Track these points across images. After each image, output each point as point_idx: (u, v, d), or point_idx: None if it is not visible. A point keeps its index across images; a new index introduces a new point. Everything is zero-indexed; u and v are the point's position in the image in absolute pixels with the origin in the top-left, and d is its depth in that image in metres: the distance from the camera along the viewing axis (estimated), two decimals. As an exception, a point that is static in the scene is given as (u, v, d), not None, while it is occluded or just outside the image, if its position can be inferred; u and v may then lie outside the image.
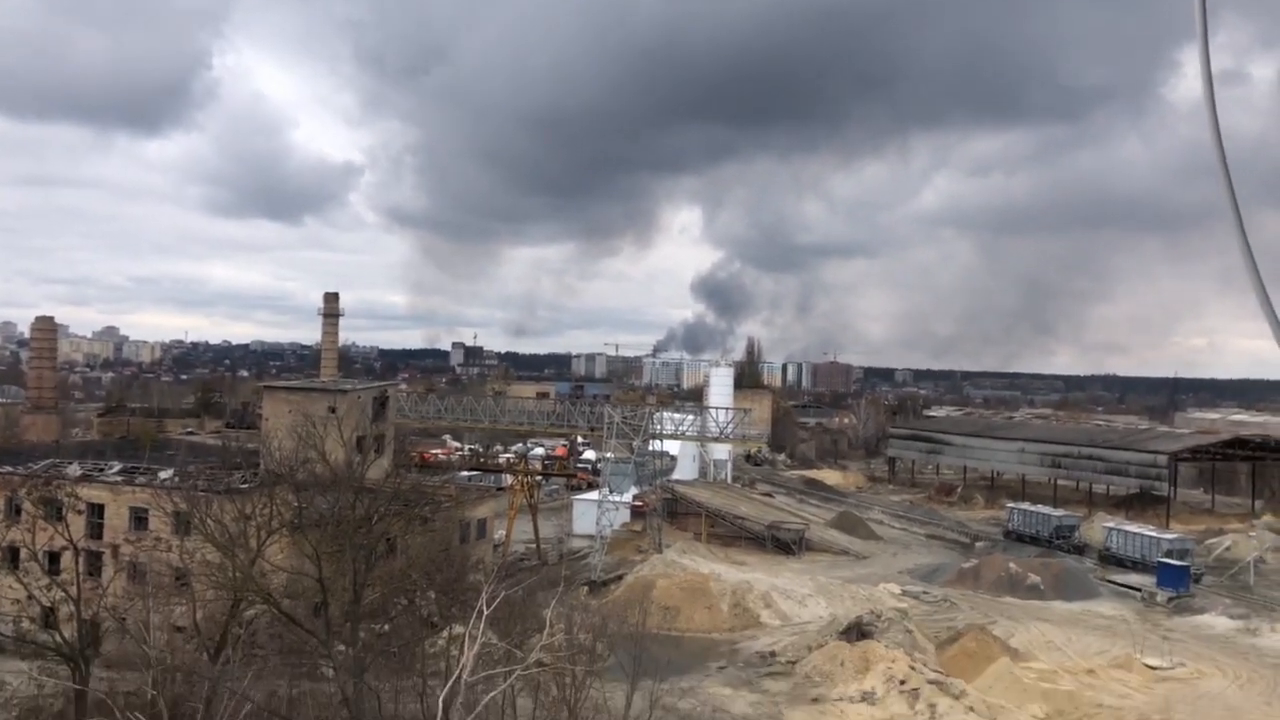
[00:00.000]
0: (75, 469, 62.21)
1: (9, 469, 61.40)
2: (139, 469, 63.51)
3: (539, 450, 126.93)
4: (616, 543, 79.85)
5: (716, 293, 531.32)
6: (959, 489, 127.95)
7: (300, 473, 42.23)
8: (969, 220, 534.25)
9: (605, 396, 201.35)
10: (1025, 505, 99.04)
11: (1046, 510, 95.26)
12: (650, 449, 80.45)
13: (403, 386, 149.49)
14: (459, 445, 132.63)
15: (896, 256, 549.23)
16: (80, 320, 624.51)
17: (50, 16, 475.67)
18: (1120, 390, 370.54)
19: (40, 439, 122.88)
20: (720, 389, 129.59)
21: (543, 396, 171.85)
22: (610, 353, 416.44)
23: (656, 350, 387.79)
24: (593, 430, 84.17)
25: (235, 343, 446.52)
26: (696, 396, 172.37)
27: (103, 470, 63.01)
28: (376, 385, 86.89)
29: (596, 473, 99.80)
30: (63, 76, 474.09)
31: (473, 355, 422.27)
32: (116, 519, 55.70)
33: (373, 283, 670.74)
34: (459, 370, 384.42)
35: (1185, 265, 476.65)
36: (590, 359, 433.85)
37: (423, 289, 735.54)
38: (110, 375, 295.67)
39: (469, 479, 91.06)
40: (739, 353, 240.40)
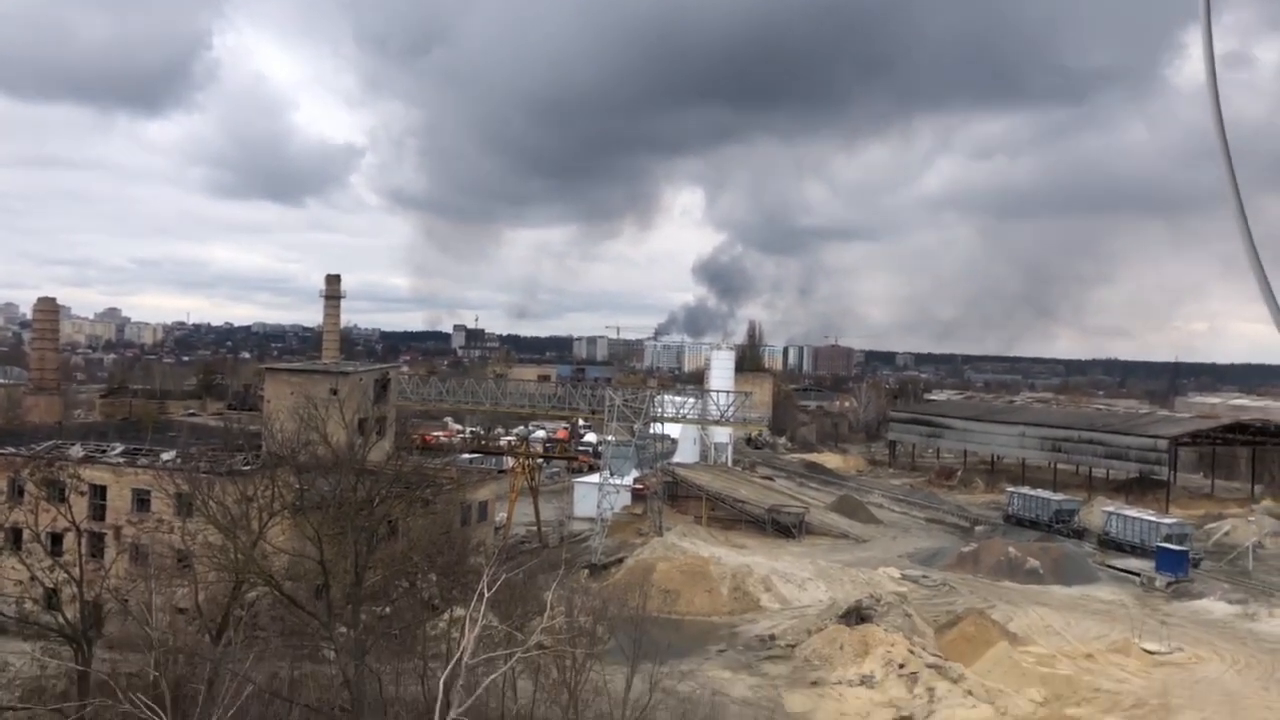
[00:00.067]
0: (78, 450, 62.29)
1: (11, 450, 61.49)
2: (141, 451, 63.58)
3: (540, 433, 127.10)
4: (617, 526, 80.00)
5: (718, 276, 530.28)
6: (959, 473, 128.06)
7: (302, 455, 42.22)
8: (971, 204, 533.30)
9: (606, 379, 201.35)
10: (1025, 489, 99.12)
11: (1046, 494, 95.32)
12: (651, 432, 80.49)
13: (404, 369, 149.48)
14: (460, 428, 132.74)
15: (898, 240, 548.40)
16: (82, 302, 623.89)
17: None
18: (1121, 374, 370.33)
19: (42, 420, 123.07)
20: (721, 372, 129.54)
21: (544, 379, 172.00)
22: (611, 336, 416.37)
23: (658, 333, 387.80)
24: (594, 413, 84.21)
25: (237, 324, 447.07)
26: (697, 380, 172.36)
27: (105, 452, 63.09)
28: (378, 367, 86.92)
29: (597, 455, 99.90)
30: (64, 56, 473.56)
31: (474, 338, 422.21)
32: (119, 501, 55.82)
33: (374, 265, 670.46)
34: (460, 353, 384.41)
35: (1187, 249, 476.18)
36: (591, 342, 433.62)
37: (424, 271, 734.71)
38: (112, 357, 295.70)
39: (470, 461, 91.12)
40: (740, 336, 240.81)
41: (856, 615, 53.18)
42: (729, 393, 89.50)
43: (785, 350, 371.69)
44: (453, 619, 34.74)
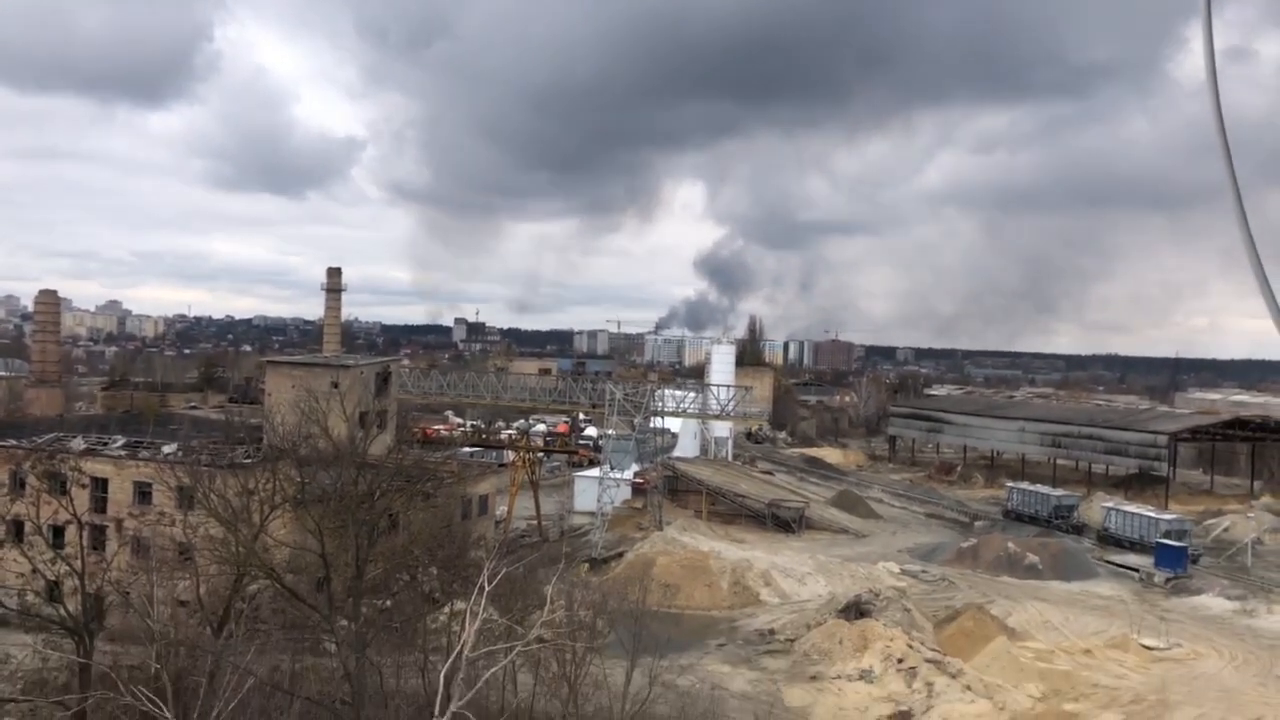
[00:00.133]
0: (79, 443, 62.35)
1: (13, 442, 61.55)
2: (142, 443, 63.66)
3: (540, 427, 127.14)
4: (617, 520, 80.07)
5: (719, 270, 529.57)
6: (959, 468, 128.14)
7: (303, 448, 42.27)
8: (972, 198, 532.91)
9: (607, 373, 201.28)
10: (1024, 485, 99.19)
11: (1046, 490, 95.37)
12: (651, 426, 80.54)
13: (405, 362, 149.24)
14: (461, 421, 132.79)
15: (900, 234, 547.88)
16: (83, 294, 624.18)
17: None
18: (1121, 370, 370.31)
19: (44, 413, 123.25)
20: (722, 366, 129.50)
21: (544, 373, 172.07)
22: (612, 329, 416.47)
23: (658, 327, 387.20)
24: (594, 407, 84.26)
25: (238, 317, 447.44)
26: (698, 374, 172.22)
27: (106, 444, 63.16)
28: (379, 361, 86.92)
29: (598, 449, 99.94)
30: (65, 47, 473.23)
31: (475, 331, 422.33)
32: (120, 493, 55.91)
33: (375, 258, 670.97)
34: (461, 346, 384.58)
35: (1188, 244, 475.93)
36: (592, 335, 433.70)
37: (425, 264, 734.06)
38: (113, 349, 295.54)
39: (471, 455, 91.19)
40: (741, 330, 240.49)
41: (856, 610, 53.25)
42: (729, 387, 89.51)
43: (786, 345, 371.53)
44: (453, 612, 34.77)
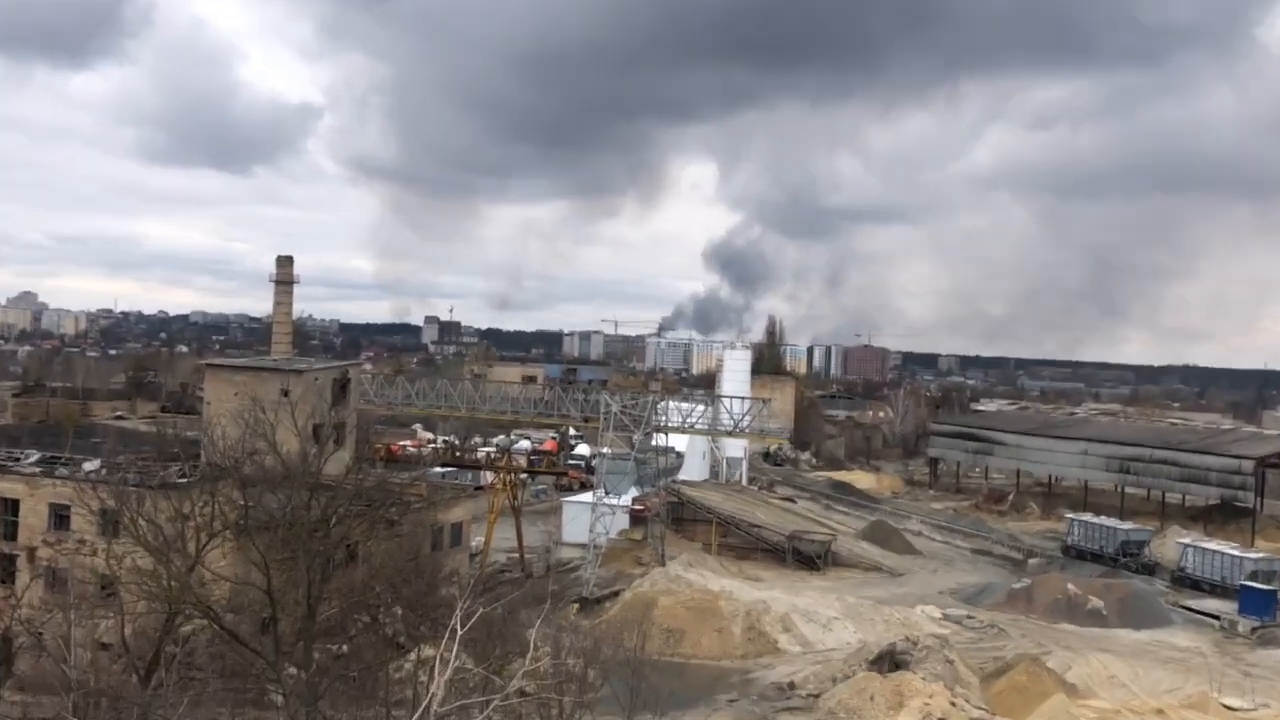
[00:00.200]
0: (-14, 458, 62.31)
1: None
2: (60, 459, 63.60)
3: (524, 444, 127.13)
4: (612, 553, 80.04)
5: (732, 262, 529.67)
6: (1011, 496, 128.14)
7: (247, 466, 42.27)
8: (1028, 181, 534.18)
9: (602, 382, 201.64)
10: (1087, 516, 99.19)
11: (1112, 523, 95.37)
12: (653, 444, 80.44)
13: (367, 367, 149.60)
14: (431, 436, 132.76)
15: (943, 223, 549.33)
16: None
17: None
18: (1201, 383, 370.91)
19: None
20: (735, 375, 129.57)
21: (529, 381, 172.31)
22: (608, 331, 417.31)
23: (662, 329, 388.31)
24: (587, 421, 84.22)
25: (173, 313, 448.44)
26: (708, 384, 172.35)
27: (17, 460, 63.11)
28: (336, 365, 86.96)
29: (590, 471, 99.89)
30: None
31: (448, 331, 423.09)
32: (33, 517, 55.79)
33: (333, 245, 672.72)
34: (432, 349, 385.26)
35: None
36: (585, 338, 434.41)
37: (391, 253, 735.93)
38: (27, 349, 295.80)
39: (442, 476, 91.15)
40: (758, 333, 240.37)
41: (890, 661, 53.20)
42: (744, 399, 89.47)
43: (810, 350, 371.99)
44: (420, 660, 34.74)
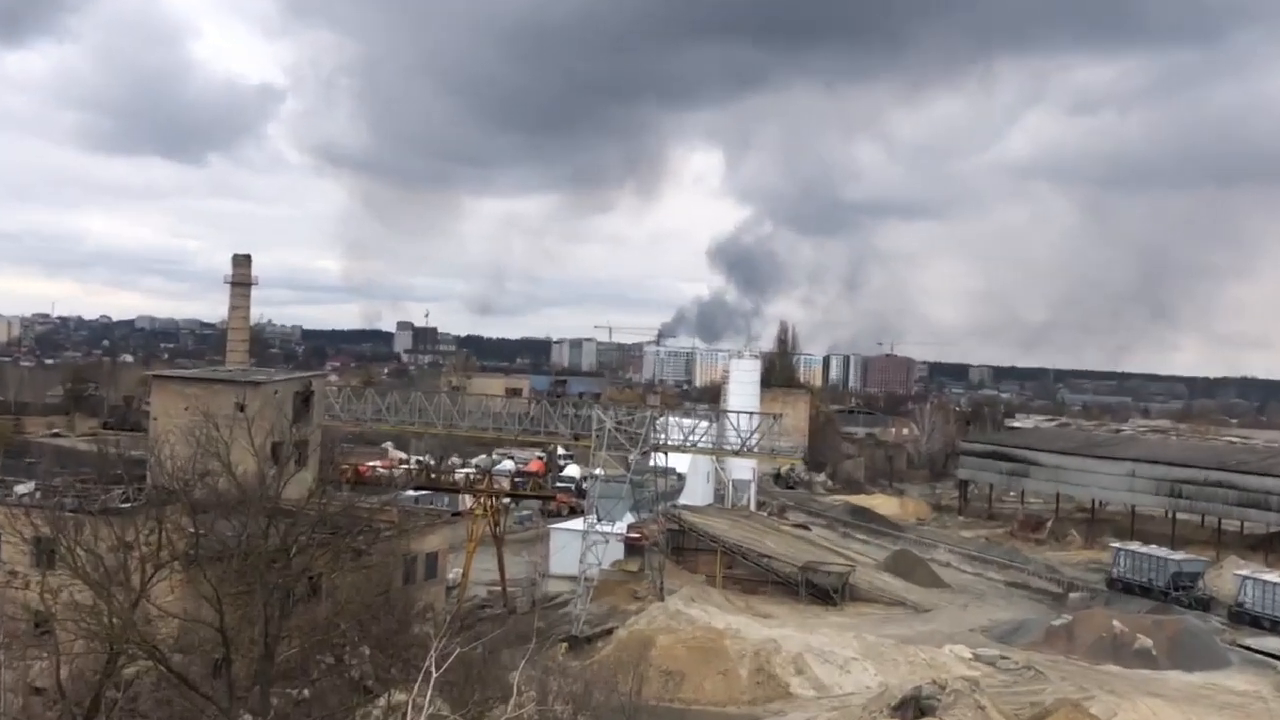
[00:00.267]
0: (-93, 480, 62.23)
1: None
2: (-11, 481, 63.55)
3: (507, 464, 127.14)
4: (605, 586, 79.99)
5: (740, 262, 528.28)
6: (1049, 523, 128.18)
7: (198, 489, 42.22)
8: (1069, 172, 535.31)
9: (594, 395, 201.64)
10: (1135, 545, 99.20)
11: (1162, 552, 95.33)
12: (651, 465, 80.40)
13: (332, 378, 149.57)
14: (404, 456, 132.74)
15: (974, 217, 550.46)
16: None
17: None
18: (1261, 397, 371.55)
19: None
20: (743, 388, 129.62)
21: (513, 394, 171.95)
22: (601, 338, 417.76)
23: (661, 336, 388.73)
24: (577, 439, 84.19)
25: (116, 318, 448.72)
26: (713, 397, 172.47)
27: (-58, 482, 63.01)
28: (299, 376, 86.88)
29: (581, 495, 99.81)
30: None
31: (423, 338, 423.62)
32: (-41, 545, 55.69)
33: (296, 242, 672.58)
34: (406, 358, 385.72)
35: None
36: (575, 346, 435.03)
37: (360, 251, 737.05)
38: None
39: (416, 501, 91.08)
40: (768, 341, 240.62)
41: (915, 707, 53.23)
42: (753, 414, 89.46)
43: (826, 360, 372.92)
44: (391, 706, 34.71)
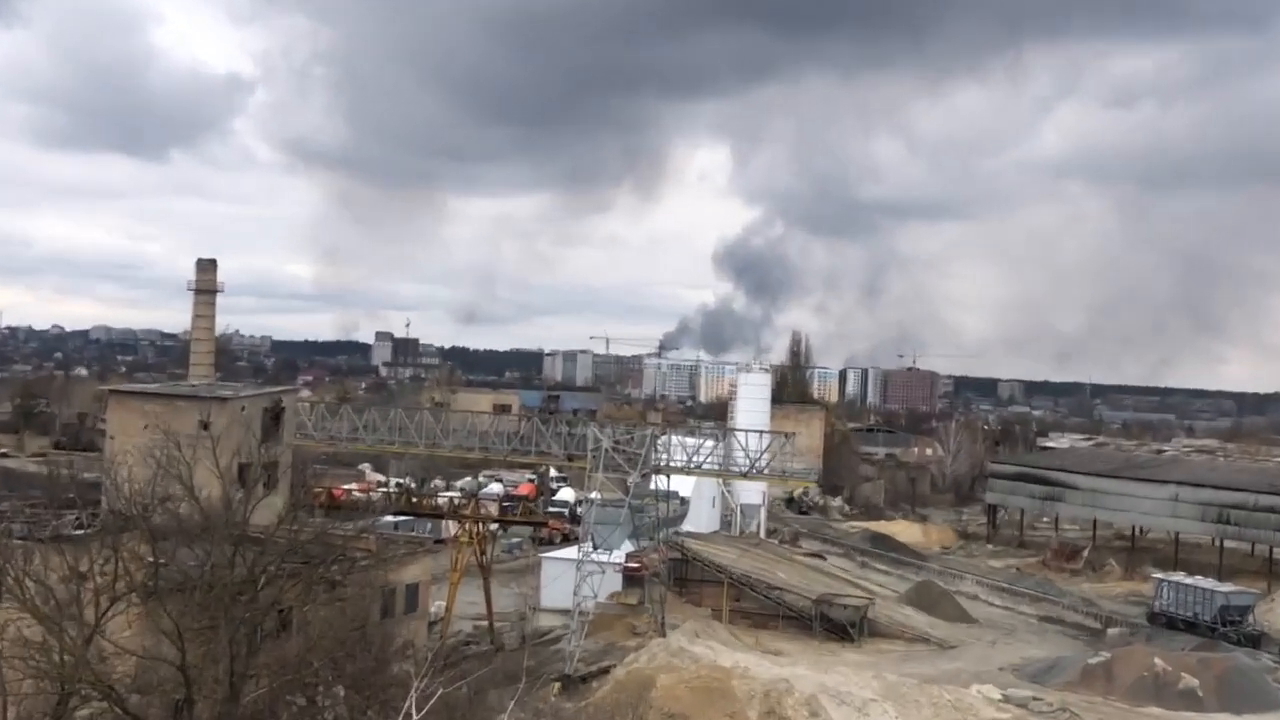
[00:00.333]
0: None
1: None
2: (-70, 505, 63.58)
3: (495, 487, 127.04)
4: (602, 621, 79.96)
5: (749, 267, 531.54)
6: (1085, 552, 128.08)
7: (158, 515, 42.22)
8: (1106, 169, 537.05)
9: (590, 412, 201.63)
10: (1179, 576, 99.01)
11: (1209, 584, 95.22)
12: (652, 488, 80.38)
13: (305, 393, 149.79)
14: (382, 479, 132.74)
15: (1002, 219, 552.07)
16: None
17: None
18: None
19: None
20: (752, 404, 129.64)
21: (502, 411, 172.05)
22: (598, 350, 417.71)
23: (663, 348, 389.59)
24: (571, 460, 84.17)
25: (69, 328, 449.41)
26: (719, 415, 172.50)
27: (-121, 506, 63.04)
28: (268, 392, 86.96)
29: (575, 521, 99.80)
30: None
31: (404, 350, 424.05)
32: (-103, 576, 55.70)
33: (265, 246, 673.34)
34: (385, 371, 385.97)
35: None
36: (570, 358, 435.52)
37: (336, 256, 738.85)
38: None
39: (396, 527, 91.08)
40: (779, 353, 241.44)
41: (939, 753, 53.14)
42: (762, 433, 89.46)
43: (843, 374, 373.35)
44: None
